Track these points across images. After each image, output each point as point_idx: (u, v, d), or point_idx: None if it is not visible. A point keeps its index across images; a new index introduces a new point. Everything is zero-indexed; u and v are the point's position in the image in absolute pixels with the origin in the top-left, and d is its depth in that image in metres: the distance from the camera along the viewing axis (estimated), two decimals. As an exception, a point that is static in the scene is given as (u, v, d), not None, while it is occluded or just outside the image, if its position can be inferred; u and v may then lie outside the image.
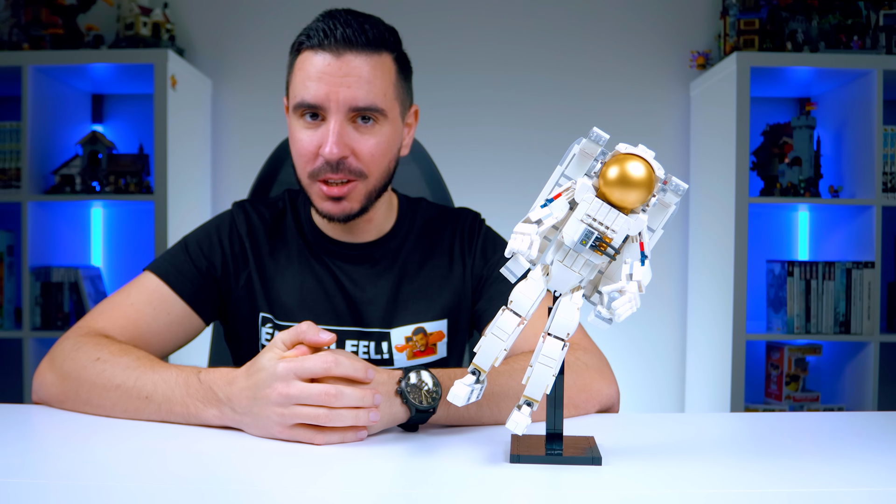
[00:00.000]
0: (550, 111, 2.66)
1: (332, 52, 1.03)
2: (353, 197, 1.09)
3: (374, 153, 1.07)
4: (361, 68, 1.04)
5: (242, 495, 0.66)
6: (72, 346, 1.00)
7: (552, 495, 0.67)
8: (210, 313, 1.14)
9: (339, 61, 1.03)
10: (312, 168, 1.07)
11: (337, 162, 1.05)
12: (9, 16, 2.42)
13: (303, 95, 1.05)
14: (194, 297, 1.11)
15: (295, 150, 1.09)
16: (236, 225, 1.18)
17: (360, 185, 1.08)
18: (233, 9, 2.68)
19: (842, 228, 2.48)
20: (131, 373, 0.93)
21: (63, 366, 0.98)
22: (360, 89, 1.04)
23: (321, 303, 1.14)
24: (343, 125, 1.04)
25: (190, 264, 1.12)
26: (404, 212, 1.22)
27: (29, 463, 0.73)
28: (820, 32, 2.39)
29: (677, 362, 2.71)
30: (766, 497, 0.67)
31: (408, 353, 1.14)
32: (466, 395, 0.72)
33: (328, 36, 1.03)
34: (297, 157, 1.09)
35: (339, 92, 1.03)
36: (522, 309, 0.71)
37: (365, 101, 1.04)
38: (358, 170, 1.07)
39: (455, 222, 1.23)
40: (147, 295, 1.09)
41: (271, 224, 1.19)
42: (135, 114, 2.66)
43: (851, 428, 0.94)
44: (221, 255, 1.15)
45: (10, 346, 2.48)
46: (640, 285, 0.67)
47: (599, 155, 0.71)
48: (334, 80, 1.03)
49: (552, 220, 0.70)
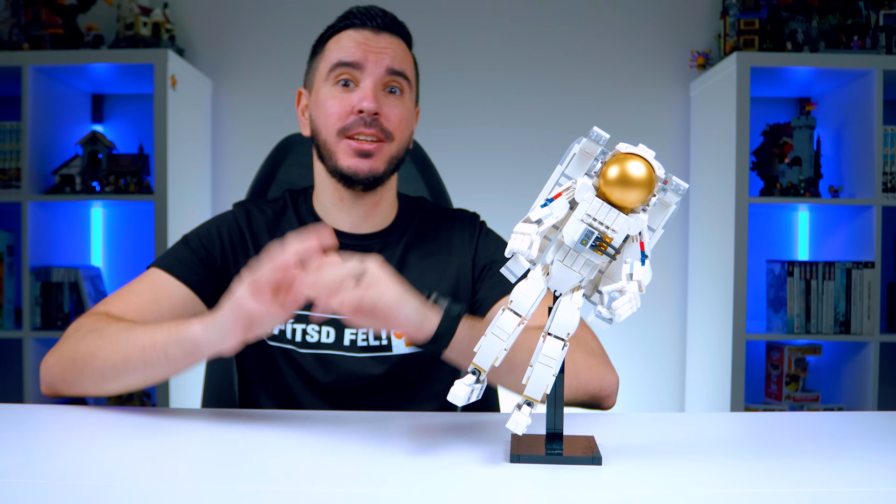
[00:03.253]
0: (550, 111, 2.66)
1: (372, 29, 1.16)
2: (381, 157, 1.15)
3: (402, 119, 1.16)
4: (395, 44, 1.17)
5: (242, 495, 0.66)
6: (72, 329, 1.04)
7: (552, 495, 0.67)
8: (212, 298, 1.14)
9: (378, 36, 1.16)
10: (344, 124, 1.14)
11: (371, 118, 1.12)
12: (9, 16, 2.42)
13: (341, 56, 1.14)
14: (196, 282, 1.12)
15: (324, 112, 1.15)
16: (236, 219, 1.21)
17: (387, 148, 1.15)
18: (233, 9, 2.68)
19: (842, 228, 2.48)
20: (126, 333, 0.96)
21: (62, 347, 1.01)
22: (396, 58, 1.16)
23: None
24: (377, 86, 1.14)
25: (190, 254, 1.15)
26: (405, 207, 1.27)
27: (29, 463, 0.73)
28: (820, 32, 2.39)
29: (677, 362, 2.71)
30: (766, 497, 0.67)
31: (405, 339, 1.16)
32: (466, 395, 0.72)
33: (372, 18, 1.16)
34: (325, 117, 1.15)
35: (377, 55, 1.14)
36: (522, 309, 0.71)
37: (399, 66, 1.15)
38: (388, 130, 1.14)
39: (454, 219, 1.28)
40: (147, 283, 1.11)
41: (272, 219, 1.22)
42: (135, 114, 2.66)
43: (851, 428, 0.94)
44: (220, 246, 1.17)
45: (10, 346, 2.48)
46: (640, 285, 0.67)
47: (600, 154, 0.71)
48: (373, 46, 1.15)
49: (552, 219, 0.70)
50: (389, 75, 1.14)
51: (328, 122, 1.14)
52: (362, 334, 1.16)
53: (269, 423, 0.91)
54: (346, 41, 1.16)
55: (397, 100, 1.16)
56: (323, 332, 1.16)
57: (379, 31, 1.16)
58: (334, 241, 0.86)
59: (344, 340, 1.16)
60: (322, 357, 1.16)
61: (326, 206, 1.21)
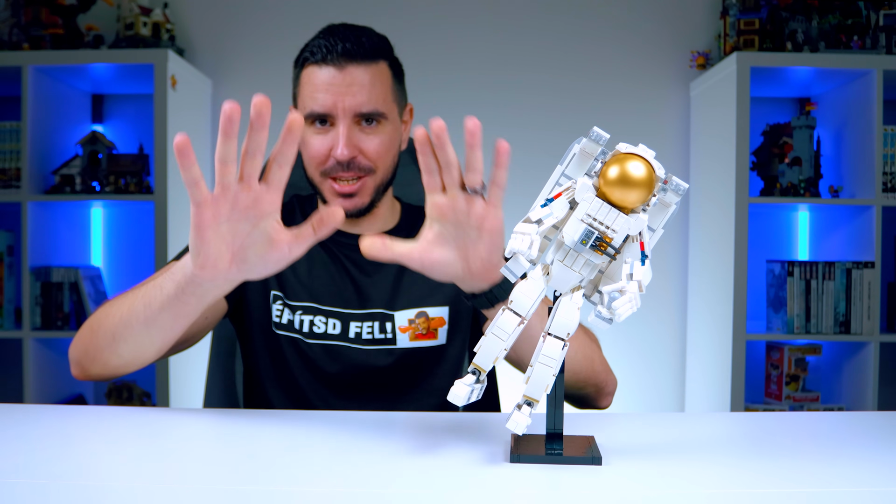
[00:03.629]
0: (550, 111, 2.66)
1: (335, 65, 1.14)
2: (364, 192, 1.18)
3: (380, 150, 1.17)
4: (363, 77, 1.15)
5: (242, 495, 0.66)
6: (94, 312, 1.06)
7: (552, 495, 0.67)
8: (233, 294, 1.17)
9: (343, 73, 1.14)
10: (324, 168, 1.17)
11: (348, 162, 1.15)
12: (9, 16, 2.42)
13: (312, 107, 1.15)
14: None
15: (307, 154, 1.19)
16: None
17: (369, 181, 1.18)
18: (233, 9, 2.68)
19: (842, 228, 2.48)
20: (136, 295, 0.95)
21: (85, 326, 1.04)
22: (363, 96, 1.14)
23: (328, 286, 1.21)
24: (351, 128, 1.15)
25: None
26: (407, 215, 1.31)
27: (29, 463, 0.73)
28: (820, 32, 2.39)
29: (677, 362, 2.71)
30: (766, 497, 0.67)
31: (410, 334, 1.20)
32: (466, 395, 0.72)
33: (330, 51, 1.14)
34: (308, 159, 1.18)
35: (344, 100, 1.13)
36: (522, 309, 0.71)
37: (368, 106, 1.15)
38: (367, 167, 1.17)
39: None
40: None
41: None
42: (135, 114, 2.66)
43: (851, 428, 0.94)
44: None
45: (10, 346, 2.48)
46: (640, 285, 0.67)
47: (600, 154, 0.71)
48: (340, 90, 1.13)
49: (552, 219, 0.70)
50: (360, 116, 1.15)
51: (311, 164, 1.18)
52: (367, 328, 1.19)
53: (269, 423, 0.91)
54: (314, 83, 1.14)
55: (374, 132, 1.16)
56: (329, 323, 1.19)
57: (343, 66, 1.13)
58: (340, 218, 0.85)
59: (349, 332, 1.19)
60: (328, 347, 1.19)
61: None
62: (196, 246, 0.82)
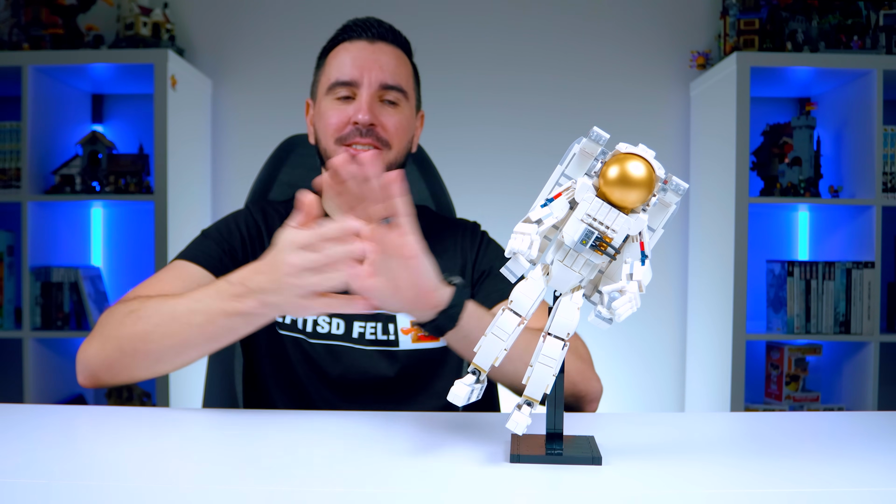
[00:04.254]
0: (550, 111, 2.66)
1: (368, 39, 1.20)
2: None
3: (398, 128, 1.20)
4: (390, 55, 1.21)
5: (242, 495, 0.66)
6: (105, 316, 1.02)
7: (552, 495, 0.67)
8: None
9: (373, 46, 1.20)
10: (341, 134, 1.18)
11: (367, 128, 1.16)
12: (9, 16, 2.42)
13: (338, 75, 1.19)
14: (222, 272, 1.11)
15: (324, 123, 1.20)
16: (252, 214, 1.25)
17: (384, 155, 1.19)
18: (233, 9, 2.68)
19: (842, 228, 2.48)
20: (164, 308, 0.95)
21: (101, 333, 0.99)
22: (390, 70, 1.19)
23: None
24: (373, 98, 1.18)
25: (214, 246, 1.17)
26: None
27: (29, 463, 0.73)
28: (820, 32, 2.39)
29: (677, 362, 2.71)
30: (766, 497, 0.67)
31: (412, 335, 1.20)
32: (466, 395, 0.72)
33: (366, 30, 1.21)
34: (325, 128, 1.20)
35: (371, 70, 1.18)
36: (522, 309, 0.71)
37: (392, 80, 1.19)
38: (384, 139, 1.18)
39: (457, 228, 1.32)
40: (175, 272, 1.12)
41: (285, 215, 1.24)
42: (135, 114, 2.66)
43: (851, 428, 0.94)
44: (240, 239, 1.20)
45: (10, 346, 2.48)
46: (640, 285, 0.67)
47: (600, 154, 0.71)
48: (368, 61, 1.18)
49: (552, 219, 0.70)
50: (384, 90, 1.19)
51: (327, 132, 1.19)
52: (370, 328, 1.19)
53: (269, 423, 0.91)
54: (342, 56, 1.20)
55: (394, 110, 1.20)
56: (333, 323, 1.20)
57: (374, 41, 1.20)
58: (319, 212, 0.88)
59: (353, 332, 1.19)
60: (331, 348, 1.19)
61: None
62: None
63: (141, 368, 0.97)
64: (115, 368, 0.97)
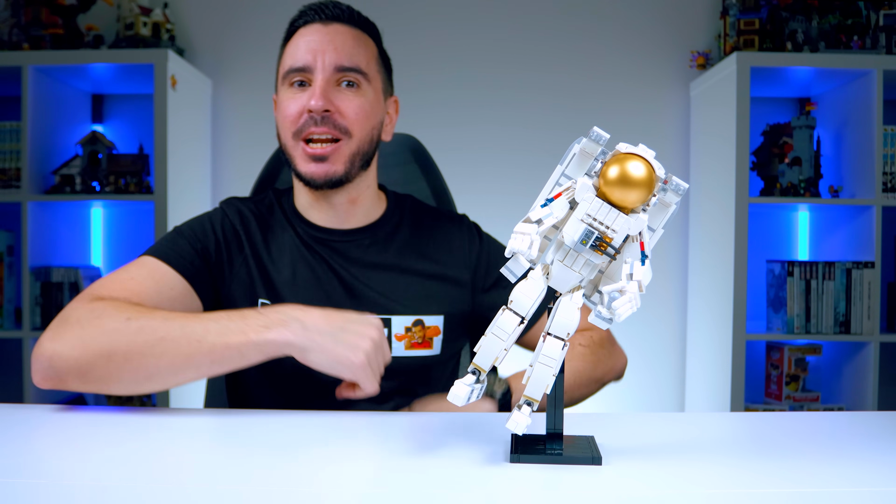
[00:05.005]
0: (550, 110, 2.66)
1: (321, 22, 1.14)
2: (337, 158, 1.12)
3: (359, 113, 1.12)
4: (346, 35, 1.14)
5: (243, 495, 0.66)
6: (87, 313, 0.93)
7: (552, 495, 0.67)
8: (207, 296, 1.12)
9: (327, 28, 1.13)
10: (297, 126, 1.12)
11: (322, 116, 1.10)
12: (9, 16, 2.42)
13: (291, 63, 1.13)
14: (194, 276, 1.10)
15: (282, 115, 1.14)
16: (228, 216, 1.19)
17: (345, 146, 1.13)
18: (233, 9, 2.68)
19: (842, 228, 2.48)
20: (173, 323, 0.91)
21: (84, 334, 0.90)
22: (345, 52, 1.12)
23: (314, 290, 1.15)
24: (328, 83, 1.11)
25: (187, 246, 1.12)
26: (393, 203, 1.25)
27: (29, 463, 0.73)
28: (820, 32, 2.39)
29: (677, 362, 2.71)
30: (766, 497, 0.67)
31: (406, 342, 1.16)
32: (466, 395, 0.72)
33: (318, 13, 1.14)
34: (283, 120, 1.14)
35: (325, 53, 1.11)
36: (522, 309, 0.71)
37: (349, 62, 1.12)
38: (343, 126, 1.12)
39: (451, 221, 1.26)
40: (147, 271, 1.06)
41: (260, 216, 1.21)
42: (135, 114, 2.66)
43: (851, 428, 0.94)
44: (215, 241, 1.15)
45: (10, 346, 2.48)
46: (640, 285, 0.67)
47: (600, 154, 0.71)
48: (322, 44, 1.12)
49: (552, 219, 0.70)
50: (341, 72, 1.12)
51: (285, 125, 1.14)
52: None
53: (269, 423, 0.91)
54: (297, 43, 1.14)
55: (353, 93, 1.13)
56: None
57: (328, 23, 1.14)
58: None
59: None
60: None
61: (304, 205, 1.21)
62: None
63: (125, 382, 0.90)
64: (91, 375, 0.90)
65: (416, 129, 1.27)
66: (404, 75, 2.59)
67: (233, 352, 0.90)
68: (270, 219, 1.21)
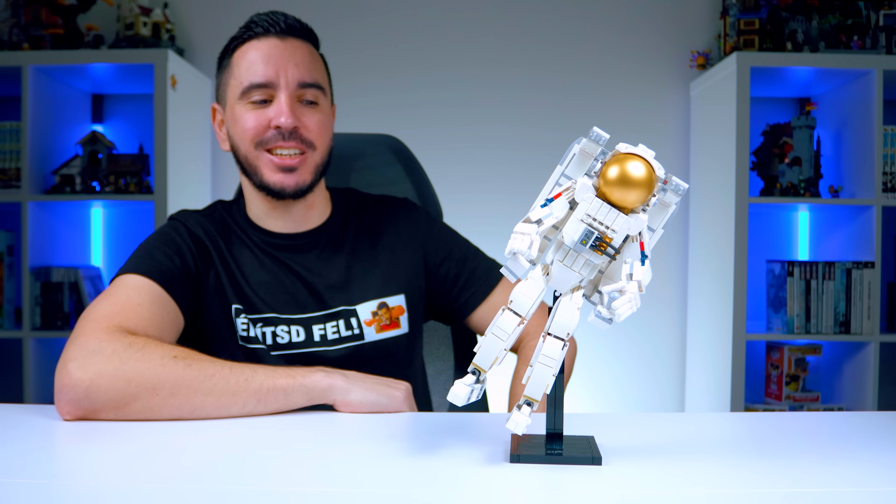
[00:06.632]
0: (550, 110, 2.66)
1: (279, 36, 1.14)
2: (306, 169, 1.15)
3: (321, 126, 1.16)
4: (304, 50, 1.16)
5: (243, 496, 0.66)
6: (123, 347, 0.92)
7: (552, 495, 0.67)
8: (189, 312, 1.12)
9: (285, 43, 1.14)
10: (261, 138, 1.13)
11: (290, 131, 1.12)
12: (9, 16, 2.42)
13: (251, 79, 1.13)
14: (180, 294, 1.10)
15: (240, 130, 1.14)
16: (189, 228, 1.18)
17: (310, 157, 1.15)
18: (233, 9, 2.68)
19: (842, 228, 2.48)
20: (221, 363, 0.94)
21: (125, 367, 0.90)
22: (305, 68, 1.14)
23: (281, 294, 1.17)
24: (293, 99, 1.13)
25: (169, 262, 1.10)
26: (338, 199, 1.27)
27: (29, 463, 0.73)
28: (820, 32, 2.39)
29: (677, 362, 2.71)
30: (766, 497, 0.67)
31: (376, 326, 1.18)
32: (466, 395, 0.72)
33: (273, 24, 1.14)
34: (242, 134, 1.14)
35: (287, 69, 1.13)
36: (522, 309, 0.71)
37: (310, 78, 1.14)
38: (308, 140, 1.14)
39: (396, 206, 1.29)
40: (146, 295, 1.05)
41: (219, 226, 1.21)
42: (135, 114, 2.66)
43: (851, 428, 0.94)
44: (191, 254, 1.14)
45: (10, 346, 2.48)
46: (640, 285, 0.67)
47: (599, 154, 0.71)
48: (283, 59, 1.13)
49: (552, 219, 0.70)
50: (303, 88, 1.14)
51: (245, 137, 1.14)
52: (332, 328, 1.16)
53: (269, 423, 0.91)
54: (252, 56, 1.14)
55: (314, 109, 1.16)
56: (292, 331, 1.15)
57: (285, 37, 1.15)
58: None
59: (314, 336, 1.16)
60: (294, 357, 1.14)
61: (259, 214, 1.22)
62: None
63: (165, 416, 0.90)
64: (131, 408, 0.89)
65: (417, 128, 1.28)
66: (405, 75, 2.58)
67: (279, 392, 0.92)
68: (227, 230, 1.21)
